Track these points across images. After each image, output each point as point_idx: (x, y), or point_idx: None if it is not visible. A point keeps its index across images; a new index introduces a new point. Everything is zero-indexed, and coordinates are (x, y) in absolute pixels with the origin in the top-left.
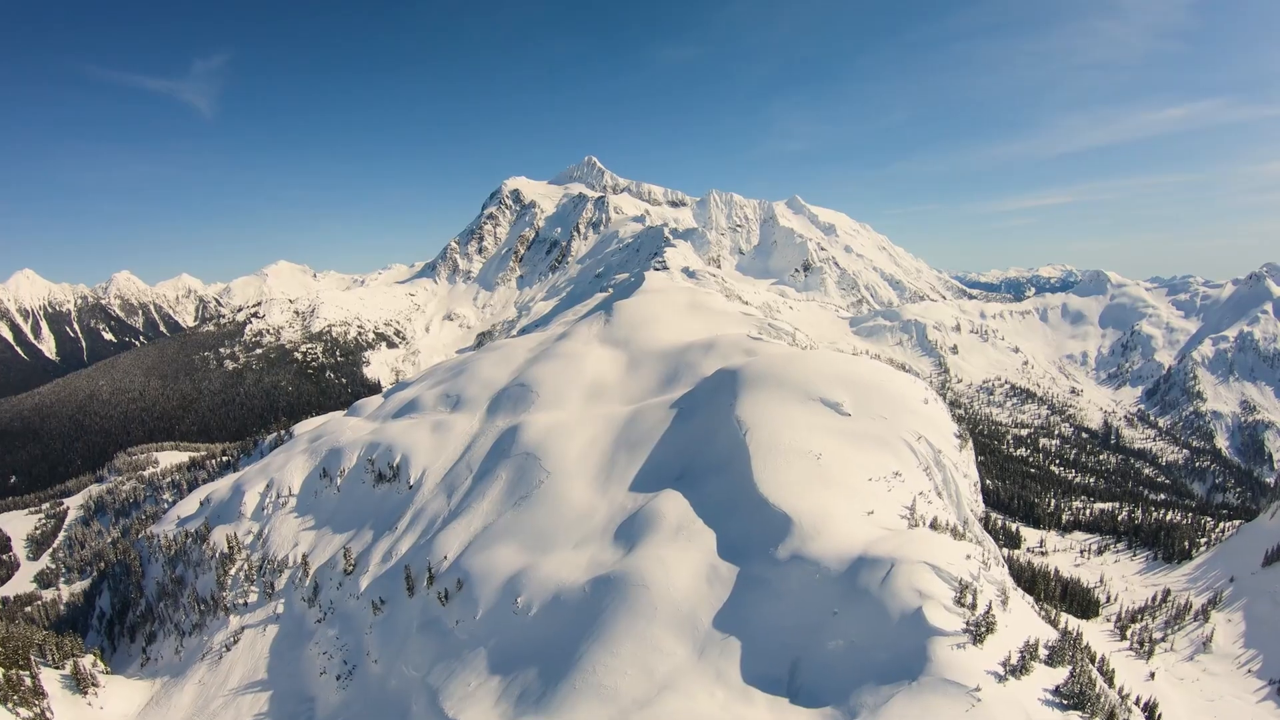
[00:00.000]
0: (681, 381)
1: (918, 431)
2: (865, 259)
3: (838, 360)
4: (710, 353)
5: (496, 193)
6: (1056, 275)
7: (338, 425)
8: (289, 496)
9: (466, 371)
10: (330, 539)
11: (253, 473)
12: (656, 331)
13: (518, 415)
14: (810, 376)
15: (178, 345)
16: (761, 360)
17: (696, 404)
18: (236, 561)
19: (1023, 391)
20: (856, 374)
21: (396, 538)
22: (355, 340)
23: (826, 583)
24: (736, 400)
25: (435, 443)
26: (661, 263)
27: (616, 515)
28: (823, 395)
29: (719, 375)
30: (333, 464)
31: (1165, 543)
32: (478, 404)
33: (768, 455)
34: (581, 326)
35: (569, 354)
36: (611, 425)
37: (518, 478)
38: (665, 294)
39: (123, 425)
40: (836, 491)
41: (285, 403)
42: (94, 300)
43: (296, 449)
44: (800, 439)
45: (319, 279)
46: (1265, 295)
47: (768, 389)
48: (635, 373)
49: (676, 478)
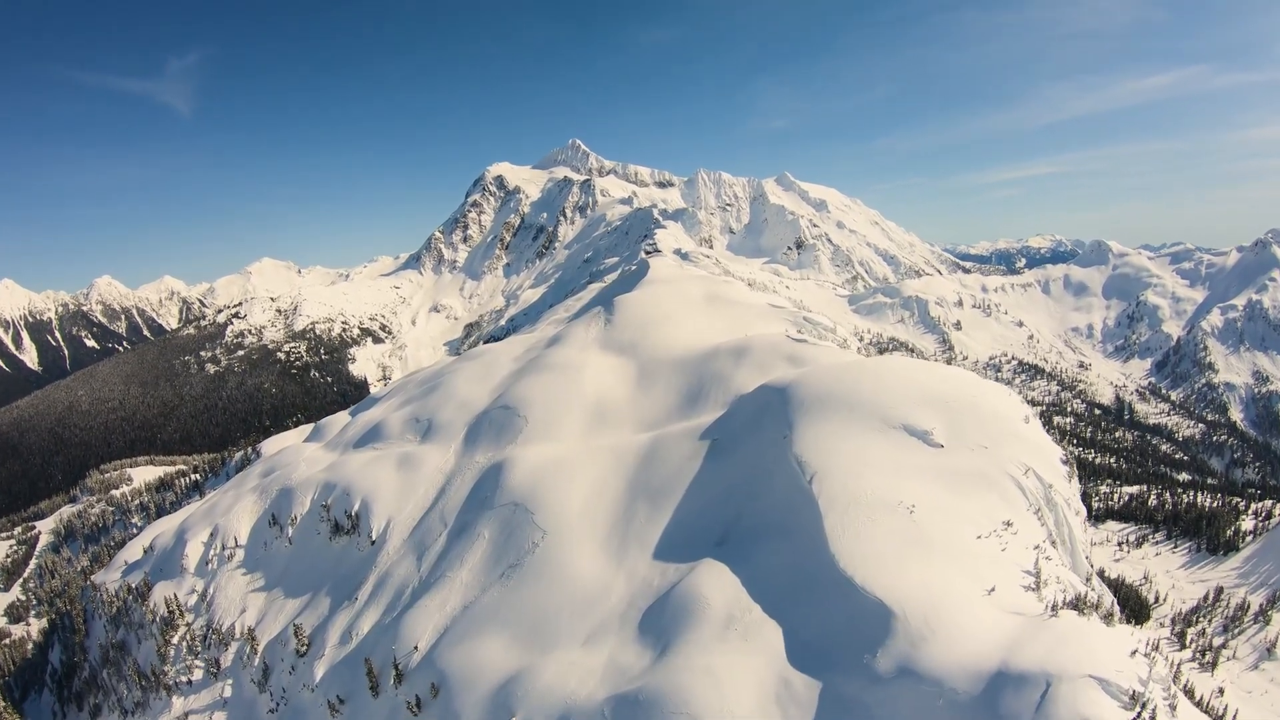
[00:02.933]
0: (709, 400)
1: (1024, 462)
2: (858, 234)
3: (916, 371)
4: (743, 361)
5: (480, 180)
6: (1046, 246)
7: (293, 456)
8: (235, 548)
9: (440, 388)
10: (281, 605)
11: (197, 516)
12: (670, 332)
13: (502, 448)
14: (886, 395)
15: (157, 350)
16: (817, 373)
17: (735, 434)
18: (179, 628)
19: (1031, 367)
20: (943, 389)
21: (357, 611)
22: (340, 337)
23: (955, 711)
24: (793, 430)
25: (401, 484)
26: (653, 245)
27: (639, 596)
28: (906, 421)
29: (762, 394)
30: (283, 508)
31: (1208, 532)
32: (453, 431)
33: (846, 511)
34: (577, 327)
35: (563, 364)
36: (623, 463)
37: (504, 538)
38: (675, 284)
39: (103, 437)
40: (942, 560)
41: (269, 405)
42: (75, 307)
43: (247, 485)
44: (885, 485)
45: (304, 275)
46: (1272, 262)
47: (832, 414)
48: (648, 388)
49: (718, 541)
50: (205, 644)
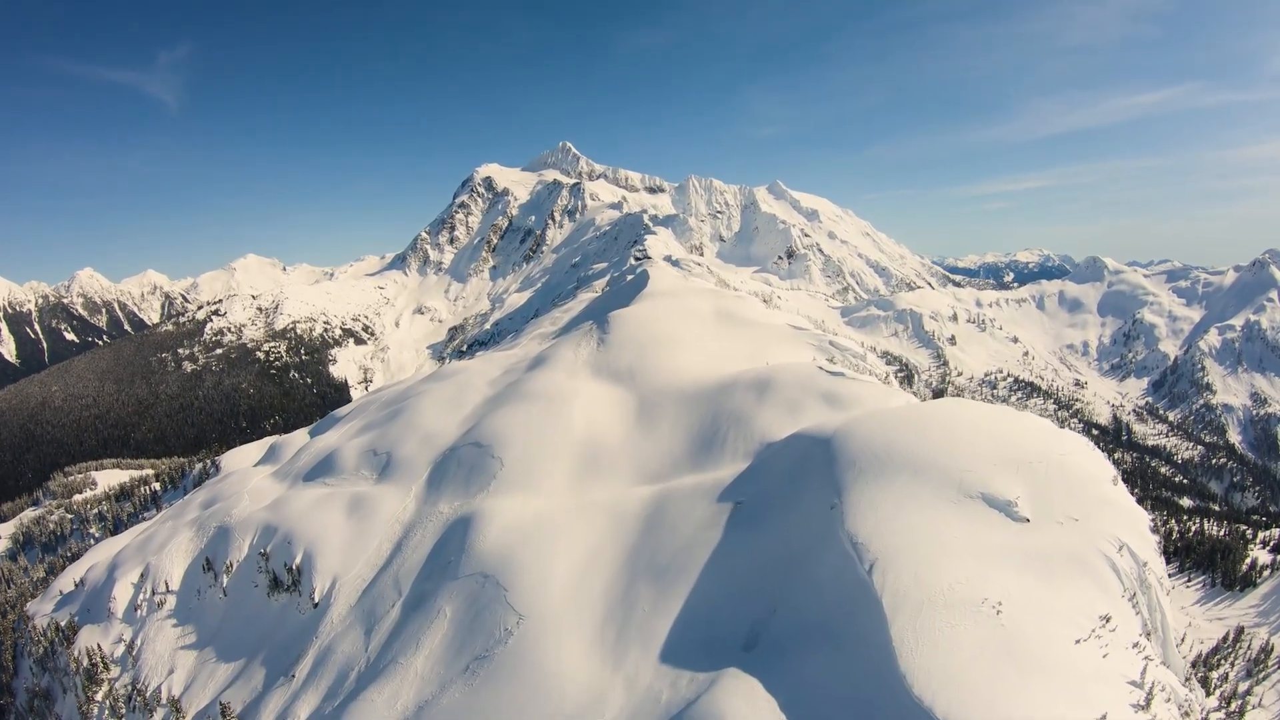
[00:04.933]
0: (727, 447)
1: (1117, 536)
2: (850, 245)
3: (988, 420)
4: (768, 397)
5: (468, 180)
6: (1034, 260)
7: (237, 485)
8: (167, 593)
9: (404, 414)
10: (213, 669)
11: (131, 550)
12: (675, 357)
13: (471, 496)
14: (959, 453)
15: (135, 346)
16: (868, 422)
17: (765, 497)
18: (102, 684)
19: (1027, 385)
20: (1022, 444)
21: (293, 692)
22: (321, 337)
23: None
24: (843, 498)
25: (351, 534)
26: (643, 251)
27: (643, 714)
28: (985, 488)
29: (798, 445)
30: (219, 551)
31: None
32: (414, 470)
33: (918, 613)
34: (565, 347)
35: (548, 393)
36: (620, 526)
37: (470, 618)
38: (679, 298)
39: (76, 435)
40: (1040, 677)
41: (246, 406)
42: (55, 300)
43: (185, 516)
44: (966, 576)
45: (289, 272)
46: (1270, 282)
47: (893, 477)
48: (650, 426)
49: (745, 644)
50: (130, 705)
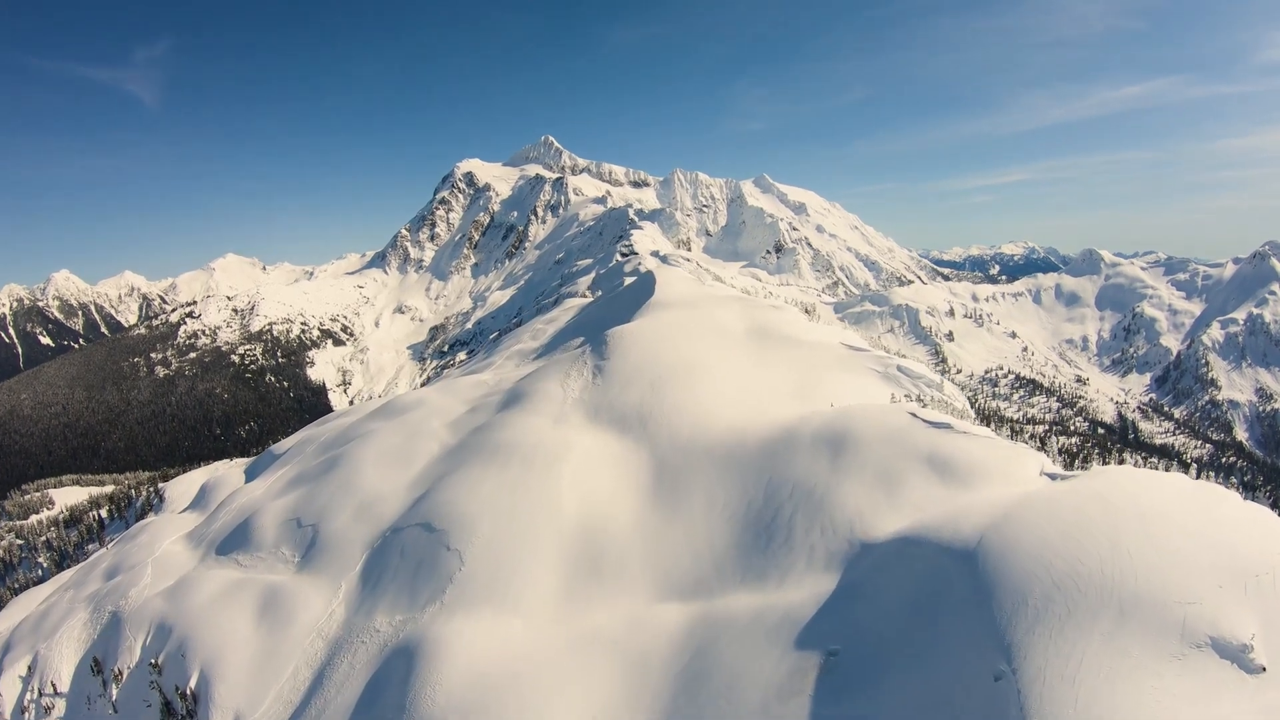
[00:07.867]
0: (796, 543)
1: None
2: (838, 239)
3: (1182, 505)
4: (845, 460)
5: (449, 176)
6: (1019, 253)
7: (144, 547)
8: (55, 696)
9: (340, 467)
10: None
11: (27, 628)
12: (701, 393)
13: (419, 610)
14: (1169, 571)
15: (106, 351)
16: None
17: (874, 642)
18: None
19: (1029, 382)
20: (1235, 546)
21: None
22: (299, 339)
23: None
24: (1014, 660)
25: (261, 650)
26: (629, 247)
27: None
28: (1214, 631)
29: (921, 560)
30: (110, 649)
31: None
32: (345, 556)
33: None
34: (549, 377)
35: (526, 448)
36: (642, 681)
37: None
38: (697, 309)
39: (44, 445)
40: None
41: (220, 413)
42: (30, 302)
43: (86, 588)
44: None
45: (269, 272)
46: (1271, 275)
47: (1085, 620)
48: (674, 501)
49: None
50: None
